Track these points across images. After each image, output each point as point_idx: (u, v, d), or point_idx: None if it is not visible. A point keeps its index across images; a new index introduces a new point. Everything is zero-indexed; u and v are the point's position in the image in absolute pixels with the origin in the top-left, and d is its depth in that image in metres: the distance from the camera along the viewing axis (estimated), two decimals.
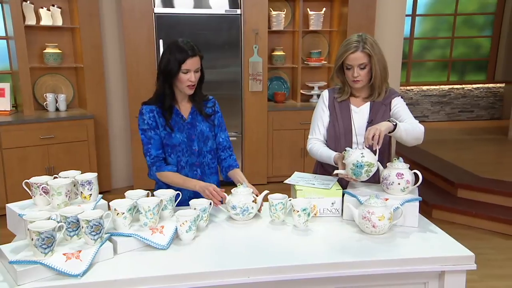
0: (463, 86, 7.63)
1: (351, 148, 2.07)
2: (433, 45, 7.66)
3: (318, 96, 5.33)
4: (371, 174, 1.97)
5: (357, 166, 1.93)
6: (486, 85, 7.69)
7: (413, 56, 7.52)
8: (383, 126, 2.00)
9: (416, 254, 1.72)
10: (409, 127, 2.11)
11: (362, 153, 1.95)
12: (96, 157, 4.71)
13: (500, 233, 3.98)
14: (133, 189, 2.00)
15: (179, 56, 2.08)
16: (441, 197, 4.48)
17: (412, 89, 7.46)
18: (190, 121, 2.24)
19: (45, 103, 4.74)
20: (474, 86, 7.66)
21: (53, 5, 4.64)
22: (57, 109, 4.78)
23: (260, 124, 5.00)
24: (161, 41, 4.68)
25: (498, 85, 7.72)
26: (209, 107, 2.31)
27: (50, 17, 4.65)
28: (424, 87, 7.50)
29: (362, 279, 1.71)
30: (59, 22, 4.68)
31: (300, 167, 4.98)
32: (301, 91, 5.36)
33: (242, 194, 1.98)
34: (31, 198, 1.86)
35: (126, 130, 5.13)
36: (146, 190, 1.96)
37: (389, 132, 2.04)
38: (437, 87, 7.54)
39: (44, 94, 4.75)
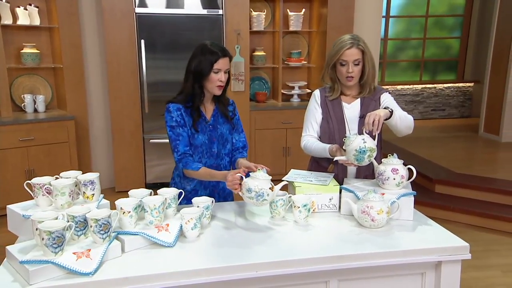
0: (435, 85, 7.86)
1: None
2: (406, 45, 7.88)
3: (299, 95, 5.43)
4: (372, 159, 2.05)
5: (360, 152, 2.00)
6: (456, 85, 7.96)
7: (387, 56, 7.71)
8: (382, 112, 2.09)
9: (414, 246, 1.80)
10: (402, 115, 2.22)
11: (363, 139, 2.02)
12: (77, 158, 4.65)
13: (476, 226, 4.15)
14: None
15: (211, 57, 2.13)
16: (419, 192, 4.55)
17: (387, 89, 7.63)
18: (212, 123, 2.28)
19: (23, 104, 4.65)
20: (445, 85, 7.91)
21: (30, 4, 4.56)
22: (35, 110, 4.70)
23: (243, 124, 5.01)
24: (142, 41, 4.66)
25: (468, 84, 7.99)
26: (230, 111, 2.35)
27: (28, 16, 4.56)
28: (399, 87, 7.70)
29: (363, 271, 1.77)
30: (36, 21, 4.59)
31: (282, 166, 5.05)
32: (282, 91, 5.43)
33: (260, 178, 1.89)
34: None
35: (107, 131, 5.09)
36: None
37: (386, 119, 2.12)
38: (411, 86, 7.75)
39: (22, 95, 4.65)
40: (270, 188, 1.88)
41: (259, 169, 1.94)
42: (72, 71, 4.69)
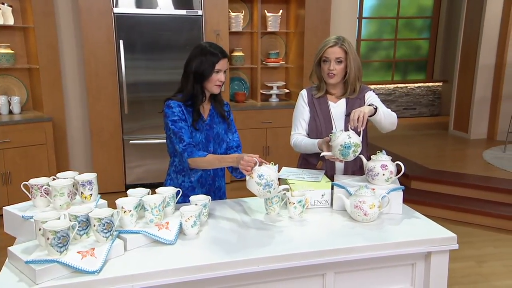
0: (406, 85, 8.09)
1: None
2: (378, 46, 8.07)
3: (277, 95, 5.51)
4: (357, 154, 2.13)
5: (345, 147, 2.08)
6: (426, 84, 8.21)
7: (360, 56, 7.88)
8: (366, 109, 2.18)
9: (405, 238, 1.88)
10: (387, 112, 2.32)
11: (348, 135, 2.10)
12: (55, 160, 4.57)
13: (450, 220, 4.32)
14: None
15: (212, 58, 2.17)
16: None
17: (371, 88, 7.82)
18: (208, 123, 2.31)
19: None
20: (416, 85, 8.15)
21: (3, 3, 4.46)
22: (10, 112, 4.60)
23: None
24: (121, 42, 4.63)
25: (436, 84, 8.26)
26: (226, 111, 2.39)
27: (1, 16, 4.46)
28: (372, 86, 7.85)
29: (357, 263, 1.84)
30: (10, 21, 4.50)
31: None
32: (261, 91, 5.49)
33: (274, 171, 1.94)
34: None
35: (85, 132, 5.03)
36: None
37: (370, 116, 2.21)
38: (383, 86, 7.95)
39: None
40: (277, 184, 1.94)
41: (272, 163, 1.98)
42: (48, 72, 4.61)
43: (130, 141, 4.88)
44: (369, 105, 2.28)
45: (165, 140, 2.34)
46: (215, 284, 1.70)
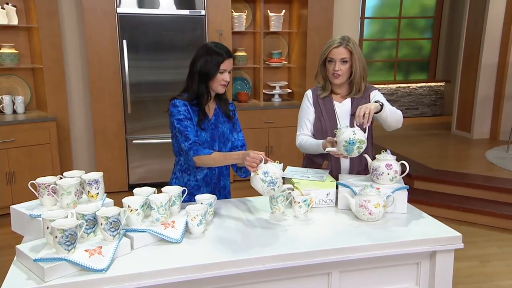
0: (408, 85, 8.09)
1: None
2: (381, 46, 8.07)
3: (280, 95, 5.52)
4: (361, 150, 2.12)
5: (349, 143, 2.08)
6: (428, 84, 8.21)
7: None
8: (373, 105, 2.17)
9: (410, 237, 1.89)
10: (392, 110, 2.32)
11: (353, 131, 2.10)
12: (58, 160, 4.58)
13: (453, 219, 4.32)
14: None
15: (217, 58, 2.18)
16: None
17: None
18: (213, 122, 2.31)
19: (1, 105, 4.55)
20: (418, 85, 8.15)
21: (7, 3, 4.47)
22: (14, 112, 4.61)
23: None
24: (124, 41, 4.64)
25: (439, 83, 8.26)
26: (231, 111, 2.39)
27: (5, 15, 4.47)
28: (374, 86, 7.88)
29: (363, 262, 1.85)
30: (14, 21, 4.51)
31: None
32: (263, 91, 5.50)
33: (279, 169, 1.95)
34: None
35: (88, 132, 5.05)
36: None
37: (376, 112, 2.21)
38: (386, 86, 7.95)
39: (0, 96, 4.56)
40: (281, 182, 1.96)
41: (277, 161, 1.99)
42: (52, 72, 4.63)
43: (133, 141, 4.89)
44: (375, 101, 2.28)
45: (168, 140, 2.36)
46: (221, 283, 1.71)
